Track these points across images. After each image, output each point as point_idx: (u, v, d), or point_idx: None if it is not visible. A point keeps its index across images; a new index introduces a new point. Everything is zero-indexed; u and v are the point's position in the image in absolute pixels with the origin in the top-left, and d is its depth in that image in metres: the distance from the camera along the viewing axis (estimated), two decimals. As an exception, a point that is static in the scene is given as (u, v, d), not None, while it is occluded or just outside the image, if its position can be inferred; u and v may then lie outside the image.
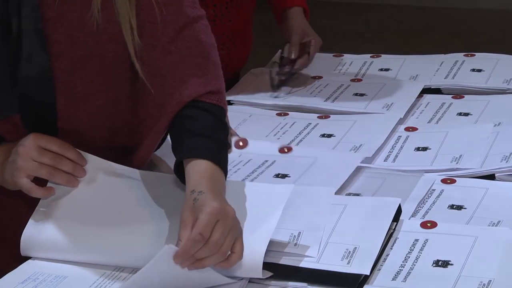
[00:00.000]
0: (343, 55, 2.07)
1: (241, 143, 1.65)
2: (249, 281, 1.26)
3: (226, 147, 1.36)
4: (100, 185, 1.36)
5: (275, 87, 1.85)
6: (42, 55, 1.31)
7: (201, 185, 1.24)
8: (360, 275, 1.26)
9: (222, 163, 1.31)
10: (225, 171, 1.32)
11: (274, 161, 1.63)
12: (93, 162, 1.36)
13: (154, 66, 1.35)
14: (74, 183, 1.34)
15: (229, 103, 1.78)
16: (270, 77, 1.88)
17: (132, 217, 1.34)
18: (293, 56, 1.88)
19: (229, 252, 1.20)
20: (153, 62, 1.35)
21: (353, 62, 2.05)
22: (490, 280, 1.23)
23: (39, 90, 1.34)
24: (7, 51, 1.30)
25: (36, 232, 1.32)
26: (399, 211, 1.39)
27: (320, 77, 1.96)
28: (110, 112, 1.42)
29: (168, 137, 1.44)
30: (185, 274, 1.18)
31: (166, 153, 1.51)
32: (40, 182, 1.32)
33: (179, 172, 1.33)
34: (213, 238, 1.17)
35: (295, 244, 1.32)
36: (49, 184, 1.33)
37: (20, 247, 1.32)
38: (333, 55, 2.01)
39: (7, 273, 1.30)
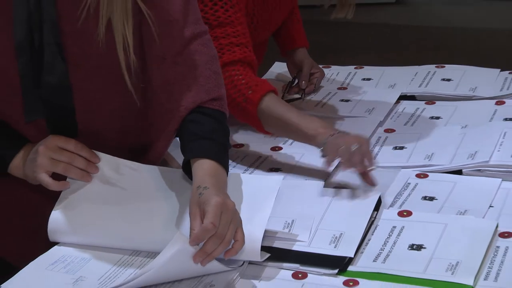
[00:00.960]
0: (330, 67, 2.08)
1: None
2: (249, 263, 1.27)
3: (227, 148, 1.38)
4: (114, 179, 1.37)
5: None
6: (61, 65, 1.33)
7: (206, 182, 1.25)
8: (345, 257, 1.28)
9: (224, 162, 1.33)
10: (226, 169, 1.34)
11: (267, 157, 1.64)
12: (107, 159, 1.38)
13: (163, 76, 1.37)
14: (87, 178, 1.35)
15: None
16: (283, 94, 1.91)
17: (145, 206, 1.36)
18: (303, 86, 1.91)
19: (233, 241, 1.21)
20: (163, 72, 1.37)
21: (339, 72, 2.06)
22: (458, 262, 1.25)
23: (59, 96, 1.36)
24: (31, 62, 1.31)
25: (61, 220, 1.34)
26: (379, 202, 1.42)
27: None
28: (123, 115, 1.44)
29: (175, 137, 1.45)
30: (191, 264, 1.19)
31: (172, 149, 1.53)
32: (60, 177, 1.33)
33: (186, 169, 1.34)
34: (219, 228, 1.18)
35: (289, 231, 1.34)
36: (67, 179, 1.34)
37: (48, 233, 1.34)
38: (322, 67, 2.02)
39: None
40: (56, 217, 1.33)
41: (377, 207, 1.41)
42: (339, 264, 1.27)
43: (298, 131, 1.53)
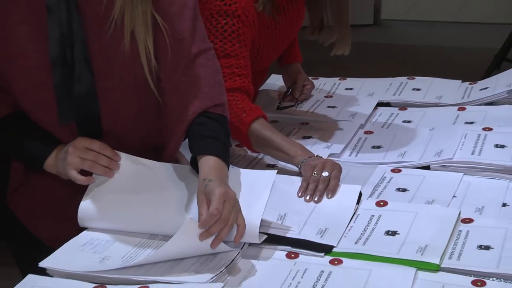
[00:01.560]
0: (318, 78, 2.07)
1: None
2: (248, 245, 1.27)
3: (228, 146, 1.37)
4: (133, 174, 1.36)
5: (279, 108, 1.87)
6: (89, 77, 1.32)
7: (210, 175, 1.26)
8: (329, 245, 1.27)
9: (225, 158, 1.32)
10: (227, 164, 1.33)
11: (264, 155, 1.62)
12: (127, 158, 1.37)
13: (174, 85, 1.36)
14: (110, 174, 1.34)
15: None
16: (279, 102, 1.90)
17: (160, 197, 1.35)
18: (297, 95, 1.90)
19: (236, 226, 1.22)
20: (174, 81, 1.36)
21: (326, 83, 2.05)
22: (427, 245, 1.25)
23: (87, 104, 1.35)
24: (64, 75, 1.31)
25: (88, 209, 1.33)
26: (360, 194, 1.41)
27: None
28: (141, 119, 1.43)
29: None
30: (200, 244, 1.20)
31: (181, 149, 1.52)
32: (87, 173, 1.33)
33: (194, 165, 1.34)
34: (223, 214, 1.18)
35: (281, 222, 1.33)
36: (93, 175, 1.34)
37: (78, 220, 1.34)
38: (312, 78, 2.01)
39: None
40: (84, 207, 1.33)
41: (358, 199, 1.39)
42: (324, 249, 1.26)
43: (281, 151, 1.53)
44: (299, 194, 1.44)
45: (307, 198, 1.41)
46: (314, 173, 1.43)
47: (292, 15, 1.79)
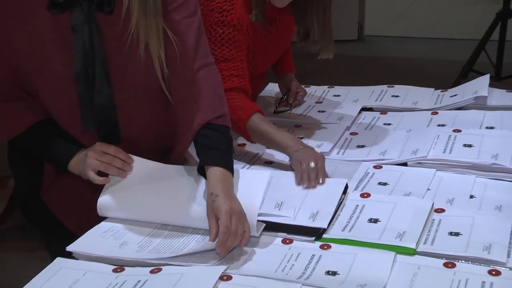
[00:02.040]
0: (310, 86, 2.06)
1: None
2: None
3: (231, 153, 1.36)
4: (145, 175, 1.36)
5: (276, 112, 1.87)
6: (108, 89, 1.32)
7: (217, 189, 1.24)
8: (320, 228, 1.27)
9: (229, 166, 1.31)
10: (231, 170, 1.32)
11: (262, 153, 1.62)
12: (139, 161, 1.36)
13: (180, 95, 1.36)
14: (123, 174, 1.34)
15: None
16: (275, 107, 1.90)
17: (169, 194, 1.34)
18: (291, 101, 1.91)
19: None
20: (180, 90, 1.35)
21: (316, 90, 2.04)
22: (404, 231, 1.25)
23: (106, 113, 1.35)
24: (86, 87, 1.31)
25: (106, 203, 1.34)
26: (346, 187, 1.40)
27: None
28: (154, 126, 1.43)
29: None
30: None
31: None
32: (104, 174, 1.33)
33: (201, 171, 1.33)
34: (232, 228, 1.18)
35: (279, 209, 1.33)
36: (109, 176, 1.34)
37: (97, 210, 1.34)
38: (304, 86, 2.01)
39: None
40: (102, 200, 1.33)
41: (345, 191, 1.39)
42: (315, 233, 1.26)
43: (275, 143, 1.54)
44: (297, 184, 1.44)
45: (305, 185, 1.41)
46: (303, 166, 1.44)
47: (283, 26, 1.78)
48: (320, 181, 1.43)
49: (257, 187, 1.30)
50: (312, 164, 1.45)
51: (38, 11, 1.26)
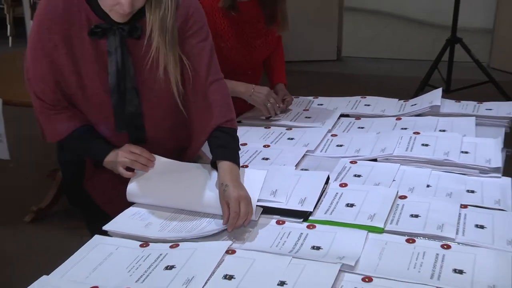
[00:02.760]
0: (299, 97, 2.05)
1: None
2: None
3: (238, 150, 1.36)
4: (165, 170, 1.35)
5: (267, 118, 1.85)
6: (136, 100, 1.33)
7: (226, 179, 1.24)
8: (307, 211, 1.26)
9: (236, 161, 1.31)
10: (238, 163, 1.31)
11: (261, 151, 1.60)
12: (159, 159, 1.36)
13: (195, 105, 1.36)
14: (146, 169, 1.33)
15: (240, 122, 1.80)
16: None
17: (185, 184, 1.33)
18: (278, 105, 1.89)
19: None
20: (195, 102, 1.36)
21: (304, 101, 2.03)
22: (375, 213, 1.25)
23: (135, 119, 1.35)
24: (120, 99, 1.31)
25: (133, 191, 1.32)
26: (328, 178, 1.39)
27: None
28: (174, 130, 1.42)
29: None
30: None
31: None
32: (131, 169, 1.33)
33: (214, 166, 1.33)
34: (241, 212, 1.18)
35: (274, 196, 1.31)
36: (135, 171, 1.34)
37: (126, 196, 1.33)
38: (294, 97, 1.99)
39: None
40: (130, 189, 1.32)
41: (327, 182, 1.38)
42: (303, 215, 1.25)
43: (233, 92, 1.67)
44: (268, 116, 1.69)
45: (273, 115, 1.71)
46: (267, 104, 1.75)
47: (249, 14, 1.80)
48: (280, 107, 1.77)
49: (256, 183, 1.30)
50: (272, 100, 1.74)
51: (81, 37, 1.27)
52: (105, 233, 1.23)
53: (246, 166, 1.46)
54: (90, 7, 1.25)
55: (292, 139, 1.68)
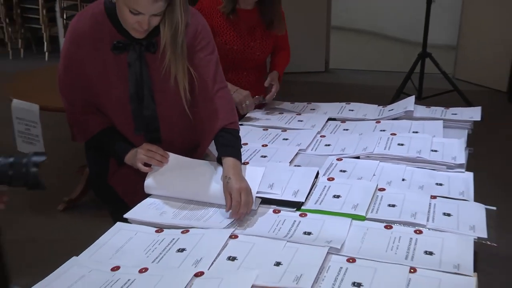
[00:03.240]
0: (294, 103, 2.03)
1: None
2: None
3: (240, 148, 1.34)
4: (178, 165, 1.33)
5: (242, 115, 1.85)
6: (153, 106, 1.32)
7: (229, 173, 1.23)
8: (299, 201, 1.26)
9: (238, 157, 1.29)
10: (240, 159, 1.30)
11: (260, 150, 1.59)
12: (173, 156, 1.34)
13: (203, 109, 1.34)
14: (161, 165, 1.31)
15: (242, 125, 1.77)
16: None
17: (195, 178, 1.32)
18: (266, 85, 1.89)
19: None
20: (203, 107, 1.34)
21: (298, 106, 2.00)
22: (358, 203, 1.24)
23: (152, 122, 1.34)
24: (139, 104, 1.31)
25: (150, 184, 1.31)
26: (317, 173, 1.39)
27: (281, 113, 1.92)
28: (185, 131, 1.41)
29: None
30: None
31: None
32: (149, 166, 1.32)
33: (219, 162, 1.31)
34: (242, 202, 1.17)
35: (270, 189, 1.31)
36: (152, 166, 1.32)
37: (144, 189, 1.31)
38: (290, 103, 1.99)
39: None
40: (147, 183, 1.31)
41: (316, 176, 1.37)
42: (296, 205, 1.24)
43: None
44: (243, 114, 1.71)
45: (249, 107, 1.71)
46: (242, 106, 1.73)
47: (247, 19, 1.79)
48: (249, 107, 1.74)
49: (256, 178, 1.29)
50: (247, 102, 1.75)
51: (105, 51, 1.27)
52: (125, 221, 1.22)
53: (247, 163, 1.45)
54: (112, 25, 1.25)
55: (286, 139, 1.67)
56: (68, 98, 1.33)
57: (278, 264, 1.01)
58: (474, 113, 1.77)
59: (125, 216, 1.22)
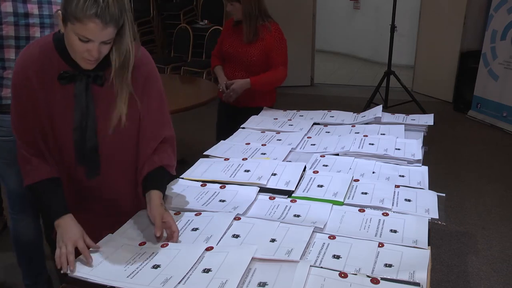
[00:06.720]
0: (286, 110, 2.01)
1: None
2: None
3: (165, 184, 1.10)
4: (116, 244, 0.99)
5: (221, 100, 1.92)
6: (95, 138, 1.05)
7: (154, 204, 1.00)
8: (290, 190, 1.23)
9: (163, 191, 1.06)
10: (163, 193, 1.06)
11: (259, 148, 1.56)
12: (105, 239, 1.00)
13: (145, 147, 1.08)
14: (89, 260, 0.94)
15: (244, 128, 1.74)
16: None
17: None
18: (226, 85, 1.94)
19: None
20: (144, 145, 1.08)
21: (290, 112, 1.98)
22: (337, 191, 1.21)
23: (92, 154, 1.06)
24: (81, 134, 1.04)
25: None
26: (305, 167, 1.36)
27: (276, 118, 1.88)
28: (127, 166, 1.12)
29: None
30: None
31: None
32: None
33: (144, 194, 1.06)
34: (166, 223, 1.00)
35: (268, 180, 1.28)
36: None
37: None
38: (282, 111, 1.96)
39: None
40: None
41: (304, 170, 1.35)
42: (288, 193, 1.22)
43: (217, 78, 1.85)
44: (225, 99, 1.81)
45: (231, 96, 1.82)
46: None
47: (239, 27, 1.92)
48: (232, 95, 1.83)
49: (242, 263, 0.89)
50: (230, 93, 1.80)
51: (53, 81, 1.01)
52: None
53: (246, 160, 1.42)
54: (60, 56, 1.00)
55: (280, 140, 1.65)
56: (19, 132, 1.04)
57: (273, 240, 0.99)
58: (428, 119, 1.76)
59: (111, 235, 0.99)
